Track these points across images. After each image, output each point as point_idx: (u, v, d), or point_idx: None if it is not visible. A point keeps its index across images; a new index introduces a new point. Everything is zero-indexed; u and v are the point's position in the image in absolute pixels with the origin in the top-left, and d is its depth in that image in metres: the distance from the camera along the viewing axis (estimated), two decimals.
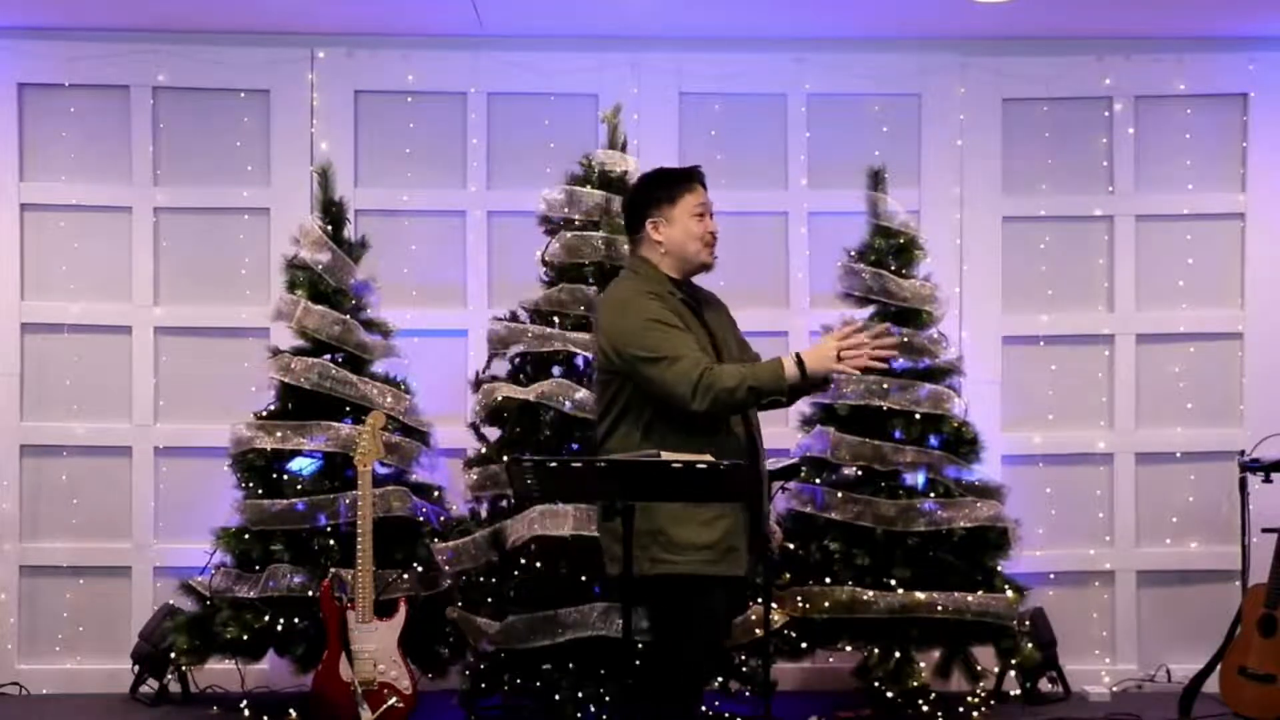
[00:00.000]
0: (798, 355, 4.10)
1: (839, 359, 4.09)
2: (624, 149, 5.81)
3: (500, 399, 5.60)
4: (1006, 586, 5.74)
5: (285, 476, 5.74)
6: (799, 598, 5.66)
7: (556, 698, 5.40)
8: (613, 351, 4.16)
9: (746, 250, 6.36)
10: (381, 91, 6.41)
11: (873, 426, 5.72)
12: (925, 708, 5.66)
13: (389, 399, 5.77)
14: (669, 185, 4.32)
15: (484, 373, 5.82)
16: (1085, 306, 6.49)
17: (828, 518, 5.70)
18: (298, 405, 5.78)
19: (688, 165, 4.44)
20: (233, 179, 6.39)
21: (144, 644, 5.98)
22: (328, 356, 5.80)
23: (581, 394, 5.48)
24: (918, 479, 5.77)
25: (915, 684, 5.68)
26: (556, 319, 5.65)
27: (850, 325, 4.39)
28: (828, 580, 5.67)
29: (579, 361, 5.64)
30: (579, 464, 3.94)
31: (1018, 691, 5.95)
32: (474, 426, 5.78)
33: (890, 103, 6.47)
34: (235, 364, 6.32)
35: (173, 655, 5.82)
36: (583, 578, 5.41)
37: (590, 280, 5.64)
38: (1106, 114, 6.47)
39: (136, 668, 6.00)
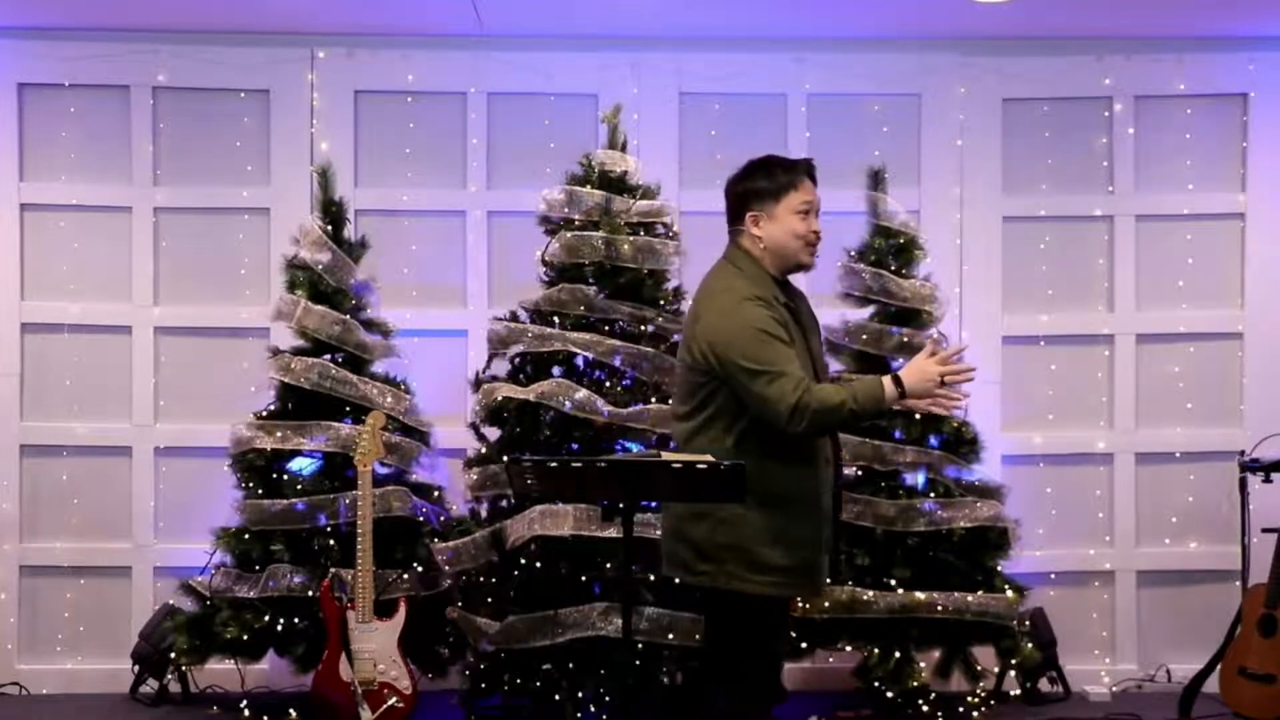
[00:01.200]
0: (896, 376, 3.92)
1: (943, 382, 3.92)
2: (624, 149, 5.81)
3: (500, 399, 5.60)
4: (1006, 586, 5.75)
5: (285, 476, 5.74)
6: (799, 598, 5.66)
7: (556, 698, 5.40)
8: (712, 354, 3.98)
9: None
10: (381, 91, 6.41)
11: (872, 426, 5.72)
12: (925, 708, 5.66)
13: (389, 399, 5.77)
14: (776, 178, 4.15)
15: (484, 373, 5.82)
16: (1085, 306, 6.49)
17: None
18: (298, 405, 5.78)
19: (801, 157, 4.26)
20: (233, 179, 6.40)
21: (144, 644, 5.98)
22: (328, 356, 5.80)
23: (581, 394, 5.48)
24: (918, 479, 5.77)
25: (915, 684, 5.68)
26: (556, 319, 5.65)
27: (953, 348, 4.16)
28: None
29: (579, 361, 5.64)
30: (579, 464, 3.94)
31: (1018, 691, 5.95)
32: (474, 426, 5.78)
33: (890, 103, 6.47)
34: (235, 364, 6.32)
35: (173, 655, 5.83)
36: (583, 578, 5.42)
37: (590, 280, 5.65)
38: (1106, 114, 6.47)
39: (136, 668, 6.00)
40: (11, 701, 6.18)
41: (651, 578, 5.41)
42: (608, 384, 5.57)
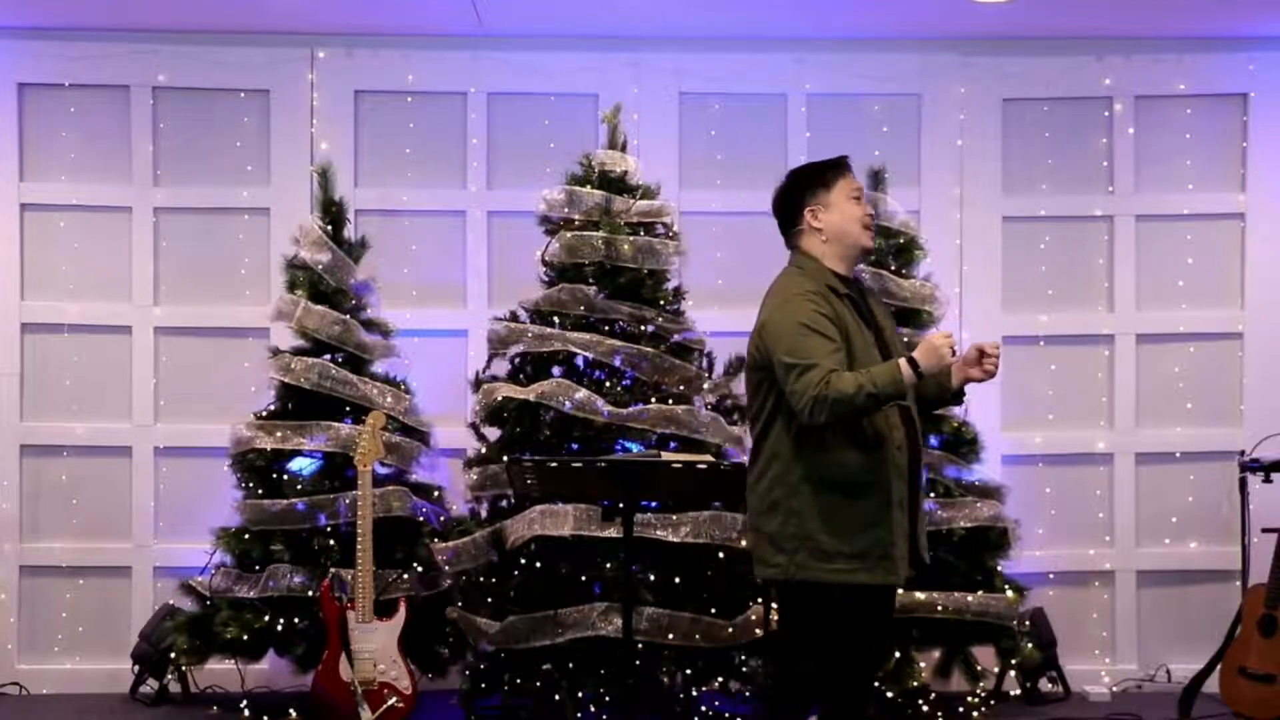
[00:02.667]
0: (910, 357, 3.97)
1: (954, 351, 3.99)
2: (624, 149, 5.81)
3: (500, 399, 5.60)
4: (1006, 586, 5.75)
5: (285, 476, 5.74)
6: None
7: (556, 698, 5.40)
8: (764, 348, 4.05)
9: (746, 250, 6.36)
10: (381, 91, 6.41)
11: None
12: (925, 708, 5.66)
13: (389, 399, 5.77)
14: (823, 172, 4.23)
15: (484, 373, 5.82)
16: (1085, 306, 6.49)
17: None
18: (298, 405, 5.78)
19: (835, 156, 4.30)
20: (233, 179, 6.40)
21: (144, 644, 5.98)
22: (328, 356, 5.80)
23: (581, 394, 5.48)
24: None
25: (915, 684, 5.68)
26: (556, 319, 5.65)
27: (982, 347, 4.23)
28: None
29: (579, 361, 5.64)
30: (579, 464, 3.95)
31: (1018, 691, 5.95)
32: (474, 426, 5.78)
33: (890, 103, 6.47)
34: (235, 364, 6.32)
35: (173, 655, 5.83)
36: (583, 578, 5.41)
37: (590, 280, 5.65)
38: (1106, 114, 6.47)
39: (136, 668, 6.00)
40: (11, 701, 6.18)
41: (651, 578, 5.41)
42: (608, 384, 5.57)
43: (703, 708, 5.53)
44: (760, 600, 5.34)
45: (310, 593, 5.59)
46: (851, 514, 3.98)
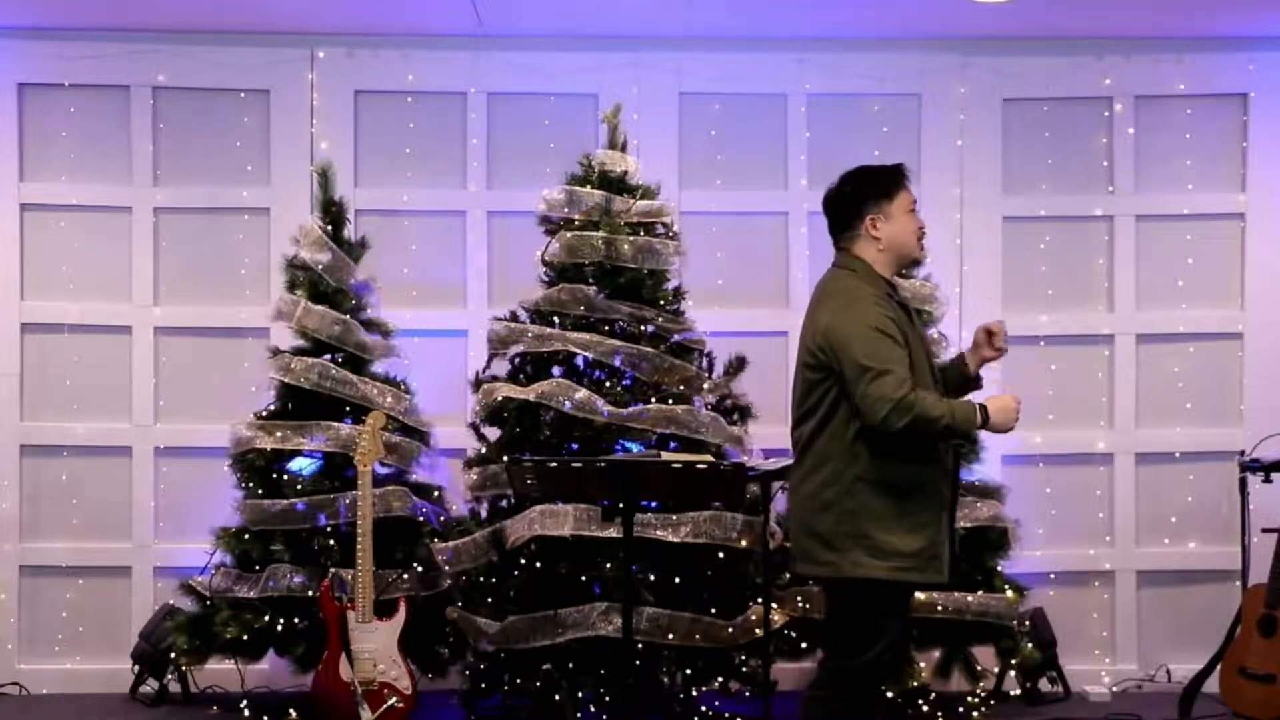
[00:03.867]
0: (984, 407, 4.09)
1: (989, 342, 4.22)
2: (624, 149, 5.81)
3: (500, 399, 5.60)
4: (1006, 586, 5.75)
5: (285, 476, 5.74)
6: (799, 598, 5.66)
7: (556, 698, 5.40)
8: (830, 350, 4.07)
9: (746, 250, 6.37)
10: (381, 91, 6.41)
11: None
12: (925, 708, 5.66)
13: (389, 399, 5.77)
14: (885, 182, 4.29)
15: (484, 373, 5.82)
16: (1085, 306, 6.49)
17: None
18: (298, 405, 5.78)
19: (894, 163, 4.38)
20: (233, 179, 6.39)
21: (144, 644, 5.98)
22: (328, 356, 5.80)
23: (581, 394, 5.48)
24: None
25: (915, 684, 5.68)
26: (556, 319, 5.65)
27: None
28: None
29: (579, 361, 5.64)
30: (579, 464, 3.95)
31: (1018, 691, 5.95)
32: (474, 426, 5.78)
33: (890, 103, 6.47)
34: (235, 364, 6.32)
35: (173, 655, 5.83)
36: (583, 578, 5.41)
37: (590, 280, 5.65)
38: (1106, 114, 6.47)
39: (136, 668, 6.00)
40: (11, 701, 6.18)
41: (651, 578, 5.41)
42: (608, 384, 5.57)
43: (703, 708, 5.53)
44: (760, 600, 5.34)
45: (310, 593, 5.59)
46: (907, 514, 4.06)
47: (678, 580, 5.44)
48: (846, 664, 4.13)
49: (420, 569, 5.71)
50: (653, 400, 5.55)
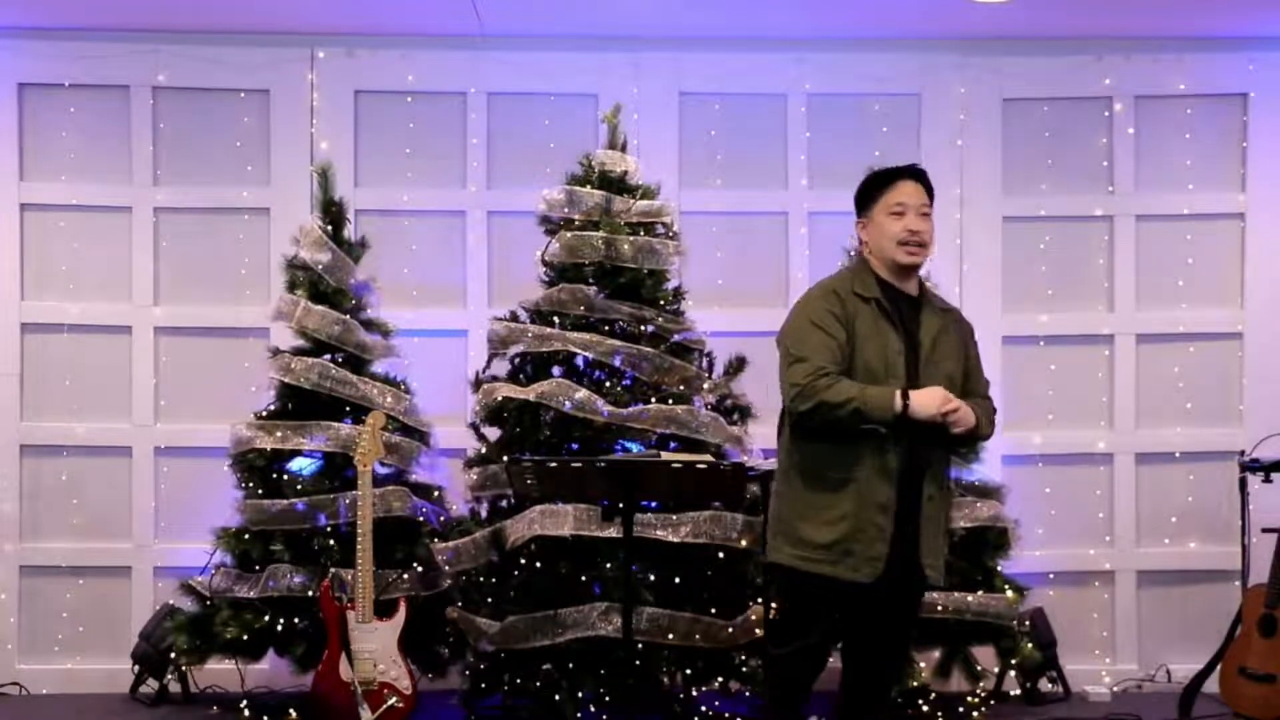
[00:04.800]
0: (907, 391, 4.11)
1: (944, 415, 4.12)
2: (624, 149, 5.81)
3: (500, 399, 5.60)
4: (1006, 586, 5.75)
5: (285, 476, 5.74)
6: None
7: (556, 698, 5.40)
8: (780, 342, 4.28)
9: (746, 250, 6.37)
10: (381, 91, 6.41)
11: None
12: (925, 708, 5.66)
13: (389, 399, 5.77)
14: (872, 186, 4.35)
15: (484, 373, 5.82)
16: (1085, 306, 6.49)
17: None
18: (298, 405, 5.78)
19: (893, 166, 4.41)
20: (233, 179, 6.39)
21: (144, 644, 5.98)
22: (328, 356, 5.79)
23: (581, 394, 5.47)
24: None
25: (915, 684, 5.68)
26: (556, 319, 5.65)
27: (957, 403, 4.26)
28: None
29: (579, 361, 5.64)
30: (579, 464, 3.95)
31: (1018, 691, 5.95)
32: (474, 426, 5.78)
33: (890, 103, 6.47)
34: (235, 364, 6.32)
35: (173, 655, 5.83)
36: (583, 578, 5.41)
37: (590, 280, 5.65)
38: (1106, 114, 6.47)
39: (136, 668, 6.00)
40: (11, 701, 6.18)
41: (651, 578, 5.41)
42: (608, 384, 5.57)
43: (703, 708, 5.53)
44: (760, 600, 5.34)
45: (310, 593, 5.59)
46: (826, 506, 4.13)
47: (678, 580, 5.44)
48: (769, 653, 4.28)
49: (420, 569, 5.71)
50: (653, 400, 5.55)
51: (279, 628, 5.65)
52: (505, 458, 5.19)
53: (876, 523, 4.12)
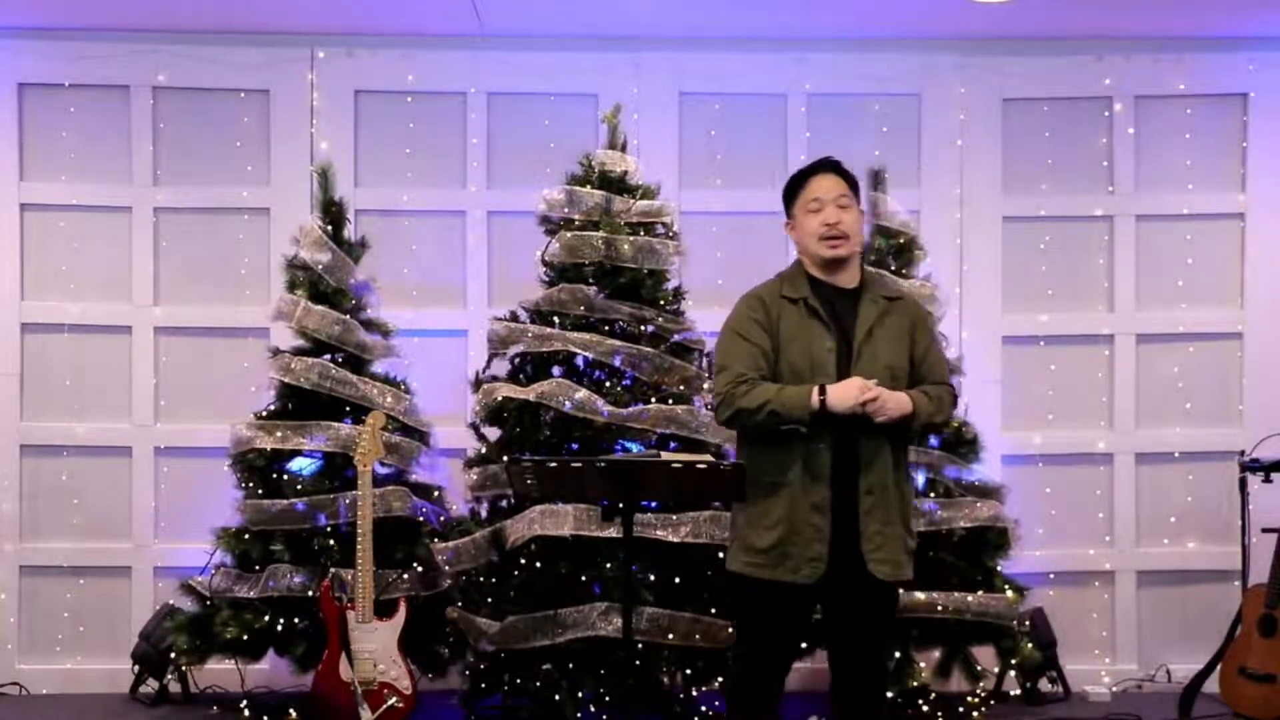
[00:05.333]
0: (824, 387, 4.07)
1: (864, 405, 4.05)
2: (624, 149, 5.81)
3: (500, 399, 5.60)
4: (1006, 586, 5.75)
5: (285, 476, 5.74)
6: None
7: (556, 698, 5.40)
8: None
9: (746, 250, 6.37)
10: (381, 91, 6.41)
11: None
12: (925, 708, 5.66)
13: (389, 399, 5.77)
14: (792, 186, 4.35)
15: (484, 373, 5.82)
16: (1085, 306, 6.49)
17: None
18: (298, 405, 5.78)
19: (809, 164, 4.41)
20: (233, 179, 6.40)
21: (144, 644, 5.98)
22: (328, 356, 5.80)
23: (581, 394, 5.48)
24: (918, 479, 5.77)
25: (915, 684, 5.68)
26: (556, 319, 5.65)
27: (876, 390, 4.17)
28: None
29: (579, 361, 5.64)
30: (579, 464, 3.94)
31: (1018, 691, 5.95)
32: (474, 426, 5.78)
33: (890, 103, 6.47)
34: (235, 364, 6.32)
35: (173, 655, 5.83)
36: (583, 578, 5.41)
37: (590, 280, 5.65)
38: (1106, 114, 6.47)
39: (136, 668, 6.00)
40: (11, 701, 6.18)
41: (651, 578, 5.41)
42: (608, 384, 5.57)
43: (703, 708, 5.53)
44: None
45: (310, 593, 5.59)
46: (764, 512, 4.15)
47: (678, 580, 5.44)
48: (729, 657, 4.29)
49: (420, 569, 5.71)
50: (653, 400, 5.55)
51: (279, 628, 5.65)
52: (505, 458, 5.19)
53: (813, 523, 4.10)
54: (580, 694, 5.40)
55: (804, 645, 5.76)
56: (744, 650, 4.26)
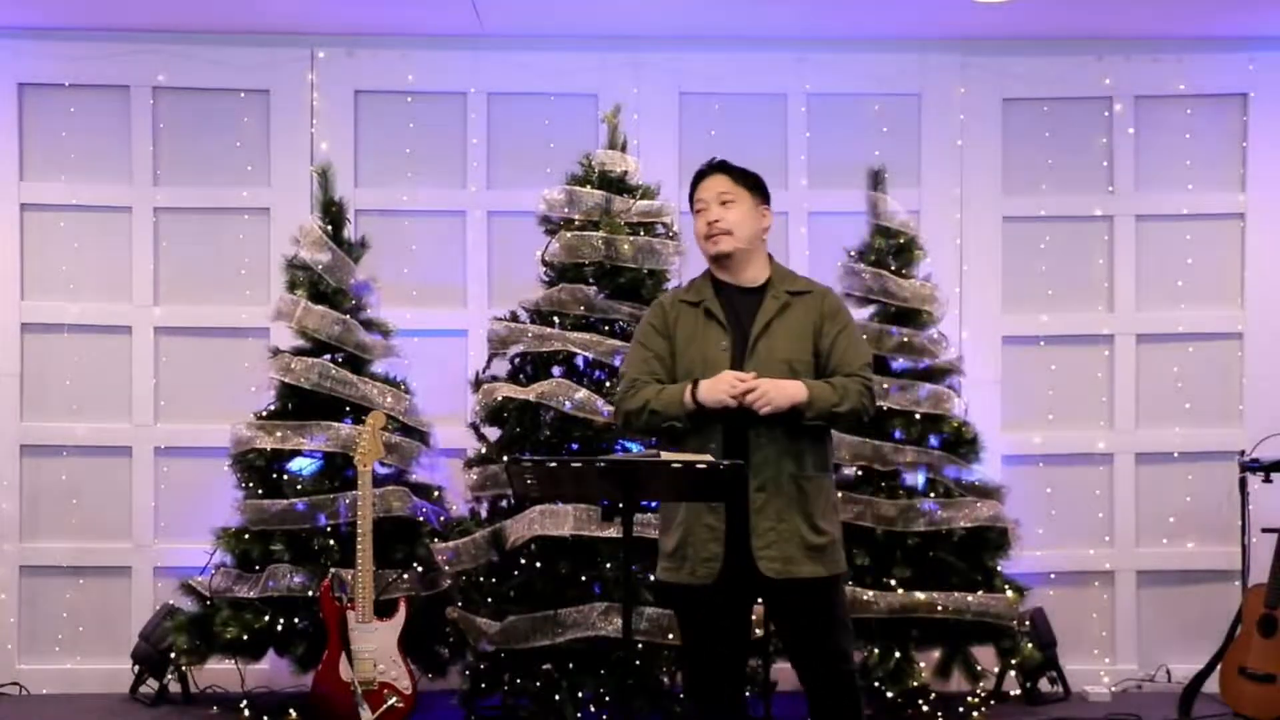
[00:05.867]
0: (697, 382, 4.06)
1: (741, 398, 3.98)
2: (624, 149, 5.81)
3: (500, 399, 5.60)
4: (1006, 586, 5.75)
5: (285, 476, 5.75)
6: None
7: (556, 698, 5.40)
8: None
9: None
10: (381, 91, 6.41)
11: (873, 426, 5.71)
12: (925, 708, 5.66)
13: (389, 399, 5.77)
14: (689, 195, 4.32)
15: (484, 373, 5.82)
16: (1085, 306, 6.49)
17: None
18: (298, 405, 5.78)
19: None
20: (233, 179, 6.40)
21: (144, 644, 5.98)
22: (328, 356, 5.80)
23: (581, 394, 5.48)
24: (918, 479, 5.78)
25: (915, 684, 5.68)
26: (556, 319, 5.65)
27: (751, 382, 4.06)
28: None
29: (579, 361, 5.64)
30: (579, 464, 3.94)
31: (1018, 691, 5.95)
32: (474, 426, 5.78)
33: (890, 103, 6.47)
34: (235, 364, 6.32)
35: (173, 655, 5.83)
36: (583, 578, 5.42)
37: (590, 280, 5.65)
38: (1106, 114, 6.47)
39: (136, 668, 6.00)
40: (11, 701, 6.18)
41: (651, 578, 5.41)
42: (608, 384, 5.57)
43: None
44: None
45: (310, 593, 5.59)
46: (670, 515, 4.17)
47: None
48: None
49: (420, 569, 5.71)
50: None
51: (279, 628, 5.66)
52: (505, 458, 5.18)
53: (707, 523, 4.07)
54: (580, 694, 5.40)
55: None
56: (683, 651, 4.27)
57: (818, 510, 4.10)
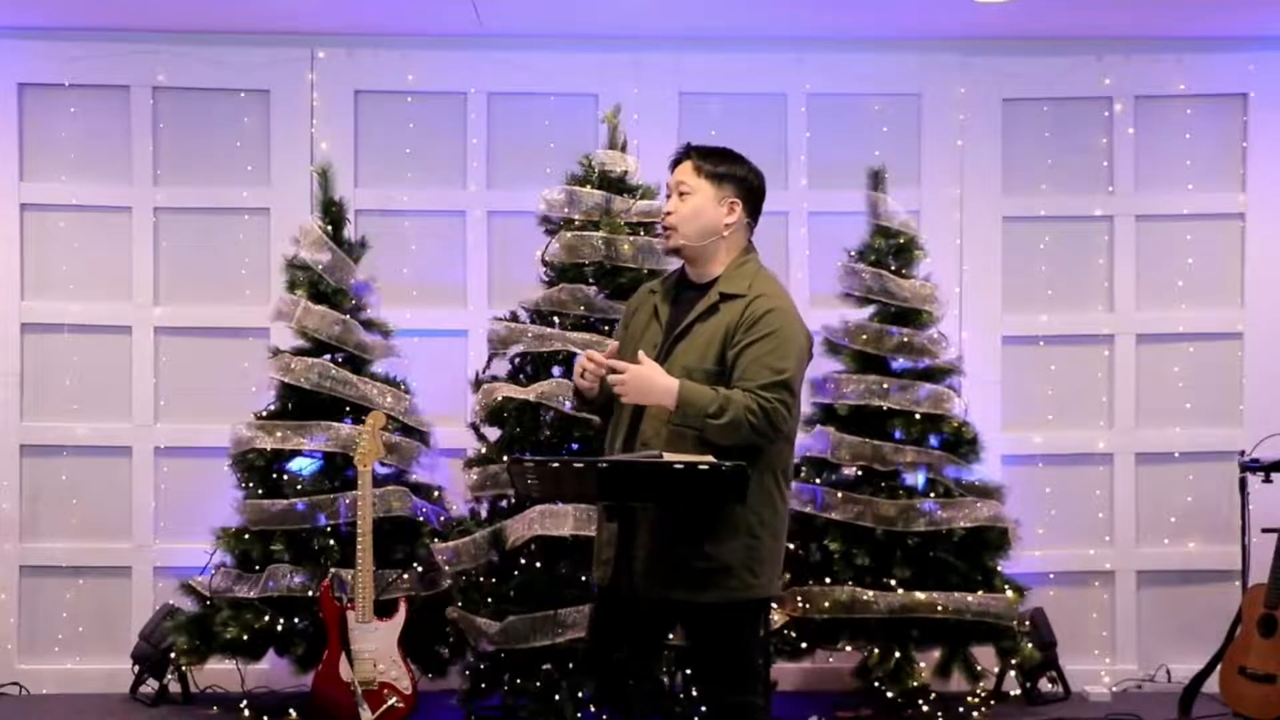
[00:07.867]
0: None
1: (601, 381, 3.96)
2: (624, 149, 5.81)
3: (500, 399, 5.60)
4: (1006, 586, 5.75)
5: (285, 476, 5.75)
6: (799, 598, 5.67)
7: (556, 698, 5.40)
8: None
9: None
10: (381, 91, 6.41)
11: (873, 426, 5.73)
12: (925, 708, 5.67)
13: (389, 399, 5.77)
14: None
15: (484, 373, 5.82)
16: (1085, 306, 6.49)
17: (828, 518, 5.70)
18: (298, 405, 5.78)
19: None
20: (233, 179, 6.39)
21: (144, 644, 5.98)
22: (328, 356, 5.80)
23: None
24: (918, 479, 5.78)
25: (915, 684, 5.68)
26: (556, 319, 5.65)
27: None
28: (828, 580, 5.67)
29: None
30: (579, 464, 3.93)
31: (1018, 691, 5.96)
32: (474, 426, 5.78)
33: (890, 103, 6.47)
34: (235, 364, 6.32)
35: (173, 655, 5.83)
36: (583, 578, 5.41)
37: (590, 280, 5.65)
38: (1106, 114, 6.47)
39: (136, 668, 6.00)
40: (11, 701, 6.18)
41: None
42: None
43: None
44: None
45: (310, 593, 5.59)
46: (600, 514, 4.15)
47: None
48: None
49: (420, 569, 5.71)
50: None
51: (279, 628, 5.65)
52: (505, 458, 5.18)
53: (608, 526, 4.03)
54: (580, 694, 5.40)
55: (804, 645, 5.77)
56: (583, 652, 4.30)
57: (712, 530, 3.83)
